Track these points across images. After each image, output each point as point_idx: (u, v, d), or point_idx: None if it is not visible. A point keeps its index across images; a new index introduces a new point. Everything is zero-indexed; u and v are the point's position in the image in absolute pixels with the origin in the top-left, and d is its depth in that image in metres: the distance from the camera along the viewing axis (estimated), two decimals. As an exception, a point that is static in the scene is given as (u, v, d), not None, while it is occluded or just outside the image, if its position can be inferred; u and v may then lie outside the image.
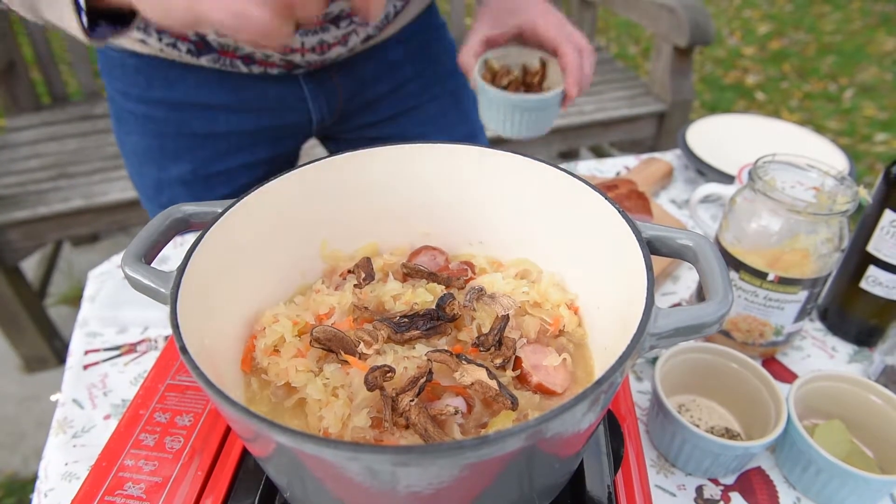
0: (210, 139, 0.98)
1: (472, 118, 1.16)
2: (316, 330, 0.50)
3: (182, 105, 0.94)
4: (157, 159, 0.99)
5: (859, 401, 0.70)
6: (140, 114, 0.96)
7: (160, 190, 1.03)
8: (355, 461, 0.34)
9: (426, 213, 0.64)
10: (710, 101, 3.70)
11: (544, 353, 0.53)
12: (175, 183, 1.01)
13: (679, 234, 0.47)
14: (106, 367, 0.85)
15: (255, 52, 0.88)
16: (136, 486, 0.52)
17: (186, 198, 1.02)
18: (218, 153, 1.00)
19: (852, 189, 0.72)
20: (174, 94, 0.93)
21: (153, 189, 1.04)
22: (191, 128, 0.96)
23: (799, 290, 0.74)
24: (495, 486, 0.39)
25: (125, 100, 0.96)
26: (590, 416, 0.39)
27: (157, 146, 0.98)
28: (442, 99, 1.11)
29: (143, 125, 0.97)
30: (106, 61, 0.95)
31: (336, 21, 0.86)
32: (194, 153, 0.99)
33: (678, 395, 0.76)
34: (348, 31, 0.89)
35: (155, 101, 0.94)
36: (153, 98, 0.94)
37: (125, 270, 0.47)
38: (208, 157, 0.99)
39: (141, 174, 1.03)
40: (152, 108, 0.95)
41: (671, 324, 0.40)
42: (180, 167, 0.99)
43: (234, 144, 1.00)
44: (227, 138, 0.99)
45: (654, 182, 1.18)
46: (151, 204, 1.07)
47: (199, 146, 0.98)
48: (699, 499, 0.68)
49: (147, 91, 0.93)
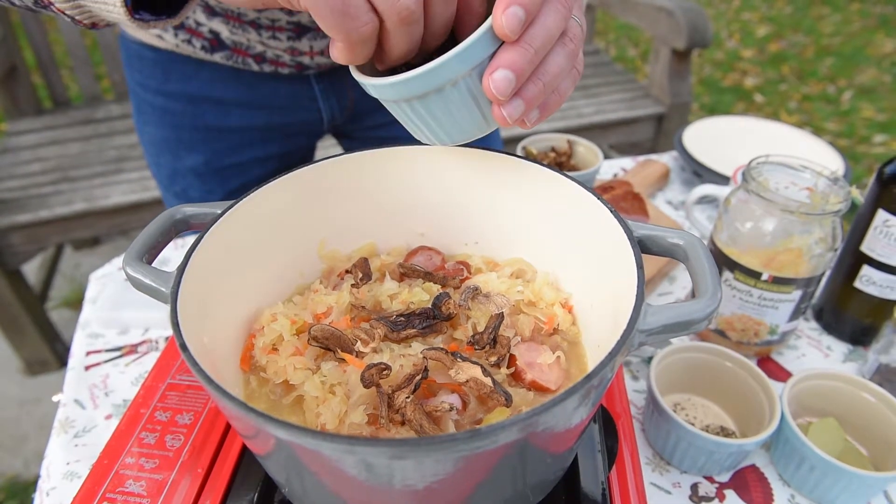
0: (223, 133, 1.00)
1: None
2: (314, 329, 0.51)
3: (197, 98, 0.96)
4: (173, 149, 1.02)
5: (853, 399, 0.71)
6: (158, 105, 0.99)
7: (174, 179, 1.06)
8: (351, 454, 0.35)
9: (422, 214, 0.64)
10: (709, 103, 3.71)
11: (538, 351, 0.53)
12: (189, 173, 1.04)
13: (669, 232, 0.48)
14: (107, 368, 0.86)
15: (267, 52, 0.90)
16: (137, 483, 0.52)
17: (199, 188, 1.05)
18: (231, 146, 1.02)
19: (845, 189, 0.73)
20: (190, 88, 0.95)
21: (168, 178, 1.07)
22: (205, 121, 0.99)
23: (793, 290, 0.75)
24: (489, 481, 0.40)
25: (144, 91, 0.99)
26: (581, 410, 0.39)
27: (174, 137, 1.01)
28: None
29: (160, 116, 0.99)
30: (127, 54, 0.98)
31: None
32: (208, 145, 1.01)
33: (674, 394, 0.77)
34: None
35: (172, 93, 0.96)
36: (170, 91, 0.96)
37: (126, 270, 0.48)
38: (221, 149, 1.02)
39: (157, 163, 1.06)
40: (169, 100, 0.97)
41: (661, 320, 0.41)
42: (194, 158, 1.02)
43: (247, 139, 1.02)
44: (239, 133, 1.01)
45: (651, 184, 1.19)
46: (167, 192, 1.10)
47: (213, 139, 1.01)
48: (694, 496, 0.69)
49: (164, 84, 0.96)
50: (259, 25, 0.86)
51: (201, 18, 0.86)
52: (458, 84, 0.44)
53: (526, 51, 0.42)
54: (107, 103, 2.34)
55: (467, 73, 0.43)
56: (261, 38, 0.87)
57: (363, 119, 1.07)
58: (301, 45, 0.89)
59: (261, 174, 1.05)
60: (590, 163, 1.09)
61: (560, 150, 1.11)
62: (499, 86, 0.42)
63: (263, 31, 0.86)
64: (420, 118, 0.48)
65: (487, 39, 0.42)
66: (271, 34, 0.87)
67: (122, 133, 2.18)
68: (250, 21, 0.85)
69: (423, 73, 0.43)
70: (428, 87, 0.44)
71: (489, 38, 0.42)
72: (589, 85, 2.43)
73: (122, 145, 2.12)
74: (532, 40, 0.42)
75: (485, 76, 0.43)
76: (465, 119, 0.48)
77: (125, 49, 0.98)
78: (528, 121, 0.47)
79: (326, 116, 1.03)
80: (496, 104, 0.45)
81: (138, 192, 1.91)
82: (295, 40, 0.88)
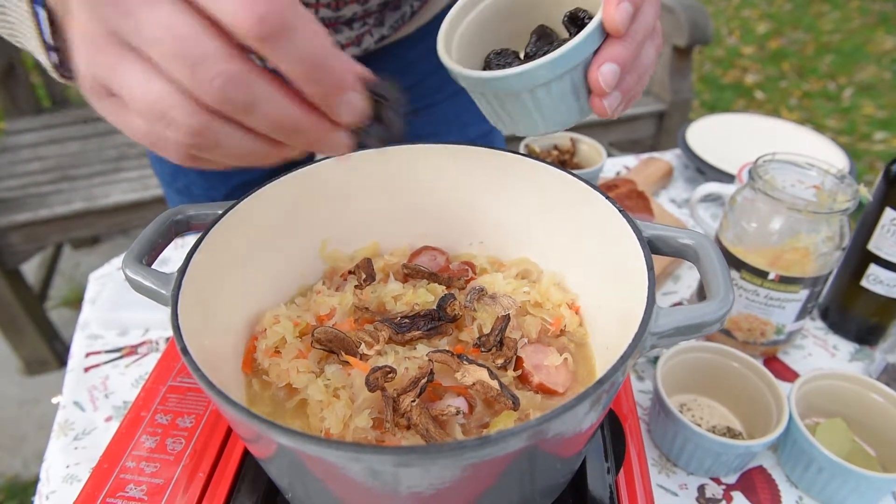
0: None
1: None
2: (317, 331, 0.50)
3: None
4: None
5: (861, 399, 0.70)
6: None
7: (177, 176, 1.05)
8: (357, 462, 0.34)
9: (426, 214, 0.64)
10: (710, 100, 3.70)
11: (545, 353, 0.53)
12: (191, 170, 1.02)
13: (680, 233, 0.47)
14: (107, 370, 0.85)
15: None
16: (138, 487, 0.52)
17: (202, 184, 1.04)
18: None
19: (853, 187, 0.72)
20: None
21: (170, 175, 1.06)
22: None
23: (800, 289, 0.74)
24: (497, 486, 0.39)
25: None
26: (591, 415, 0.39)
27: None
28: (456, 98, 1.11)
29: None
30: None
31: (349, 23, 0.87)
32: None
33: (680, 395, 0.76)
34: (361, 33, 0.90)
35: None
36: None
37: (126, 272, 0.47)
38: None
39: (160, 160, 1.05)
40: None
41: (672, 323, 0.40)
42: None
43: None
44: None
45: (655, 182, 1.18)
46: (169, 189, 1.09)
47: None
48: (701, 498, 0.68)
49: None
50: None
51: None
52: (563, 76, 0.45)
53: (630, 45, 0.43)
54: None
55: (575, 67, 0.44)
56: None
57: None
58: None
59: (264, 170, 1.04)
60: (593, 161, 1.08)
61: (563, 149, 1.11)
62: (607, 79, 0.43)
63: None
64: (522, 109, 0.48)
65: (598, 33, 0.43)
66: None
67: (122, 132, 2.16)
68: None
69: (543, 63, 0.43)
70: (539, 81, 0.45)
71: (599, 32, 0.43)
72: (590, 82, 2.42)
73: (121, 144, 2.11)
74: (636, 35, 0.43)
75: (592, 68, 0.44)
76: (562, 109, 0.48)
77: None
78: (617, 112, 0.48)
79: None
80: (599, 96, 0.45)
81: (138, 190, 1.90)
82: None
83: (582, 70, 0.45)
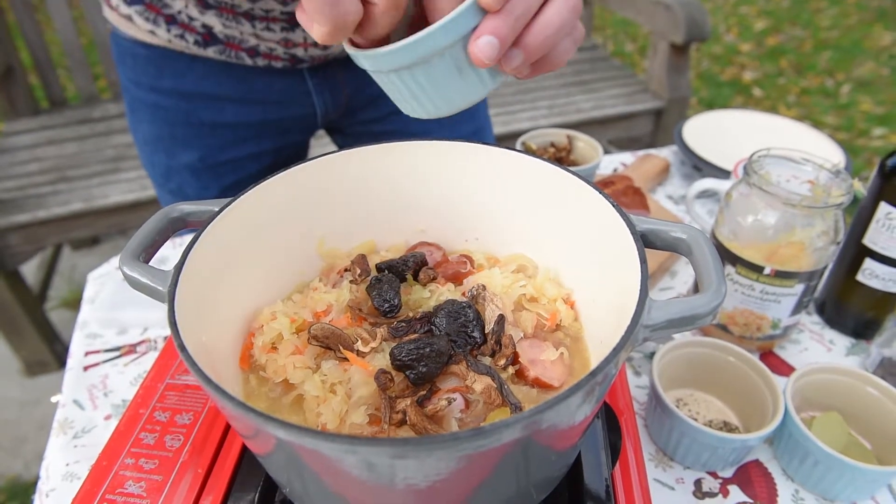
0: (217, 129, 1.00)
1: (479, 115, 1.16)
2: (314, 328, 0.51)
3: (191, 95, 0.96)
4: (167, 147, 1.01)
5: (857, 393, 0.71)
6: (151, 102, 0.98)
7: (169, 177, 1.05)
8: (353, 454, 0.34)
9: (422, 211, 0.64)
10: (708, 97, 3.70)
11: (541, 348, 0.53)
12: (184, 170, 1.03)
13: (673, 226, 0.47)
14: (106, 368, 0.85)
15: (260, 45, 0.89)
16: (137, 484, 0.52)
17: (194, 185, 1.04)
18: (225, 143, 1.01)
19: (847, 182, 0.72)
20: (183, 84, 0.95)
21: (163, 176, 1.06)
22: (199, 117, 0.98)
23: (795, 284, 0.74)
24: (492, 479, 0.39)
25: (137, 89, 0.98)
26: (585, 407, 0.39)
27: (167, 134, 1.00)
28: None
29: (153, 113, 0.99)
30: (119, 51, 0.97)
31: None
32: (202, 142, 1.00)
33: (676, 390, 0.77)
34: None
35: (165, 90, 0.96)
36: (163, 87, 0.96)
37: (123, 269, 0.47)
38: (216, 146, 1.01)
39: (152, 162, 1.06)
40: (162, 97, 0.97)
41: (665, 315, 0.40)
42: (189, 155, 1.01)
43: (241, 135, 1.01)
44: (234, 128, 1.00)
45: (651, 178, 1.18)
46: (161, 190, 1.09)
47: (207, 135, 1.00)
48: (698, 492, 0.68)
49: (157, 80, 0.95)
50: (253, 17, 0.85)
51: (194, 13, 0.85)
52: (444, 55, 0.46)
53: (507, 18, 0.44)
54: (104, 103, 2.33)
55: (452, 44, 0.45)
56: (254, 29, 0.86)
57: (357, 114, 1.07)
58: (295, 37, 0.88)
59: (256, 170, 1.05)
60: (589, 158, 1.08)
61: (559, 146, 1.11)
62: (483, 50, 0.44)
63: (257, 22, 0.86)
64: (408, 89, 0.50)
65: (472, 12, 0.44)
66: (265, 25, 0.86)
67: (120, 132, 2.17)
68: (244, 13, 0.84)
69: (411, 42, 0.45)
70: (415, 58, 0.46)
71: (474, 10, 0.44)
72: (587, 80, 2.42)
73: (119, 144, 2.11)
74: (513, 9, 0.44)
75: (470, 43, 0.45)
76: (450, 89, 0.49)
77: (116, 46, 0.97)
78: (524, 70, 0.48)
79: (320, 111, 1.02)
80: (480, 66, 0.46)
81: (136, 191, 1.90)
82: (289, 31, 0.88)
83: (462, 48, 0.46)
